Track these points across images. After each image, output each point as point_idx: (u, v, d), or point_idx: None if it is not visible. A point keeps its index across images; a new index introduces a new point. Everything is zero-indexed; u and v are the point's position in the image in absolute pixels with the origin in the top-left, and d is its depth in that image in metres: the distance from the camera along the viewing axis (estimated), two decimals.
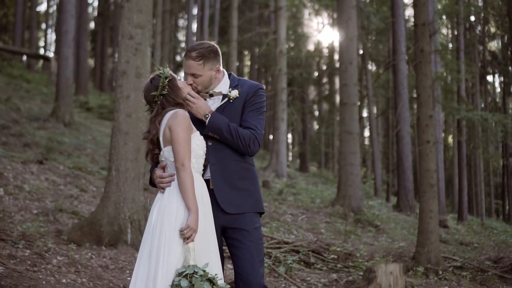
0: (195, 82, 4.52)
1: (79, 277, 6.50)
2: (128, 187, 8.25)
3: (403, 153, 22.87)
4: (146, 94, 4.34)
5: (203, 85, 4.55)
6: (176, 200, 4.07)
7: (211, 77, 4.57)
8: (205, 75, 4.52)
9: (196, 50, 4.52)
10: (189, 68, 4.51)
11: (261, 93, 4.63)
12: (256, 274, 4.36)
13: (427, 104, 11.40)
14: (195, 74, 4.49)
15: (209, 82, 4.57)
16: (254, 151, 4.49)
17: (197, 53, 4.49)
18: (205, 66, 4.50)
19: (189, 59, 4.49)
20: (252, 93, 4.58)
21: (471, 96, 38.19)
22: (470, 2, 34.22)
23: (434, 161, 11.31)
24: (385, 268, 8.55)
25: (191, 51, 4.52)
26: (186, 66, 4.53)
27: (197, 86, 4.54)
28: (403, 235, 15.23)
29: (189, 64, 4.50)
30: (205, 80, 4.54)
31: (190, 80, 4.52)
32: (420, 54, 11.57)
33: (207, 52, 4.52)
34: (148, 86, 4.34)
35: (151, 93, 4.29)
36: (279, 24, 24.34)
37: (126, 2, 8.64)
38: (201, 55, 4.48)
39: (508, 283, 10.69)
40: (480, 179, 37.14)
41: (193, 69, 4.48)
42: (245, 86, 4.62)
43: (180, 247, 3.95)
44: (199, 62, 4.47)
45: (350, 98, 16.81)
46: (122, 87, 8.46)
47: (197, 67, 4.48)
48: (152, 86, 4.30)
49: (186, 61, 4.52)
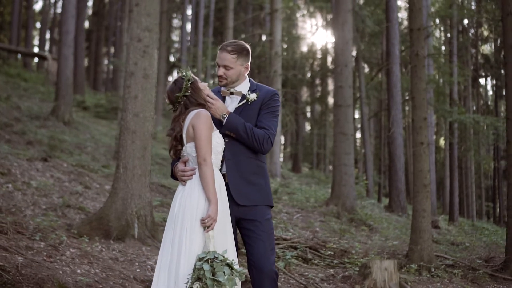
0: (225, 74, 4.98)
1: (92, 268, 6.85)
2: (135, 183, 8.60)
3: (395, 155, 23.19)
4: (170, 95, 4.71)
5: (231, 78, 5.00)
6: (197, 192, 4.45)
7: (240, 72, 5.03)
8: (235, 69, 4.99)
9: (232, 45, 5.00)
10: (223, 60, 4.97)
11: (276, 98, 5.07)
12: (268, 261, 4.75)
13: (421, 106, 11.76)
14: (227, 66, 4.95)
15: (237, 76, 5.03)
16: (267, 149, 4.89)
17: (233, 47, 4.98)
18: (237, 60, 4.97)
19: (225, 52, 4.97)
20: (269, 98, 5.02)
21: (463, 98, 38.53)
22: (464, 6, 34.56)
23: (427, 162, 11.67)
24: (380, 264, 8.89)
25: (228, 45, 5.01)
26: (220, 58, 5.00)
27: (226, 78, 4.99)
28: (395, 234, 15.57)
29: (223, 56, 4.97)
30: (235, 74, 5.00)
31: (222, 71, 4.98)
32: (415, 58, 11.92)
33: (241, 49, 5.01)
34: (172, 88, 4.71)
35: (175, 94, 4.66)
36: (275, 26, 24.59)
37: (135, 6, 8.98)
38: (236, 50, 4.97)
39: (499, 282, 11.03)
40: (471, 181, 37.46)
41: (227, 61, 4.94)
42: (263, 91, 5.05)
43: (201, 235, 4.33)
44: (233, 56, 4.95)
45: (345, 100, 17.10)
46: (130, 87, 8.80)
47: (230, 59, 4.94)
48: (176, 87, 4.67)
49: (221, 53, 4.99)
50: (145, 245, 8.32)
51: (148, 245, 8.35)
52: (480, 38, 44.17)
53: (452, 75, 30.73)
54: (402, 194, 22.76)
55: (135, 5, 9.01)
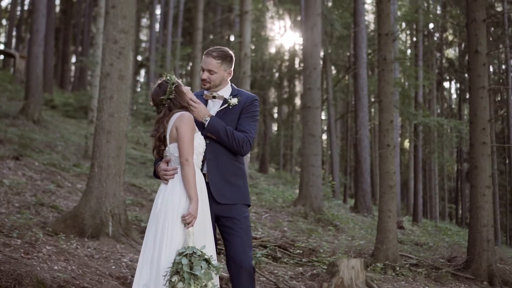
0: (209, 78, 5.23)
1: (68, 265, 7.01)
2: (109, 182, 8.76)
3: (361, 156, 23.54)
4: (154, 97, 4.92)
5: (215, 82, 5.25)
6: (179, 190, 4.67)
7: (223, 77, 5.27)
8: (219, 74, 5.23)
9: (217, 51, 5.26)
10: (208, 64, 5.21)
11: (256, 103, 5.34)
12: (246, 257, 5.01)
13: (388, 110, 12.08)
14: (212, 70, 5.20)
15: (220, 81, 5.28)
16: (246, 151, 5.16)
17: (218, 53, 5.23)
18: (221, 66, 5.22)
19: (210, 57, 5.22)
20: (249, 103, 5.28)
21: (428, 101, 39.13)
22: (429, 10, 35.11)
23: (393, 163, 11.99)
24: (347, 263, 9.15)
25: (213, 51, 5.26)
26: (205, 62, 5.24)
27: (210, 82, 5.24)
28: (361, 234, 15.88)
29: (209, 61, 5.21)
30: (218, 78, 5.25)
31: (206, 75, 5.22)
32: (383, 63, 12.23)
33: (225, 55, 5.25)
34: (156, 91, 4.92)
35: (159, 97, 4.87)
36: (244, 28, 24.65)
37: (111, 8, 9.13)
38: (220, 56, 5.22)
39: (460, 281, 11.41)
40: (434, 183, 38.07)
41: (211, 66, 5.19)
42: (244, 96, 5.31)
43: (181, 231, 4.55)
44: (217, 61, 5.20)
45: (313, 102, 17.37)
46: (105, 88, 8.95)
47: (215, 64, 5.19)
48: (161, 90, 4.89)
49: (207, 58, 5.23)
50: (119, 243, 8.48)
51: (122, 243, 8.51)
52: (445, 43, 44.91)
53: (418, 79, 31.21)
54: (367, 195, 23.13)
55: (111, 8, 9.16)
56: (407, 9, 32.11)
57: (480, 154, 12.28)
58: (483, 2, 12.93)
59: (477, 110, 12.45)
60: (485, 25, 12.92)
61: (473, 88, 12.64)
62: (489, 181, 12.34)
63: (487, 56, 12.74)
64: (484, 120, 12.42)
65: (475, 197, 12.28)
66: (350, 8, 30.11)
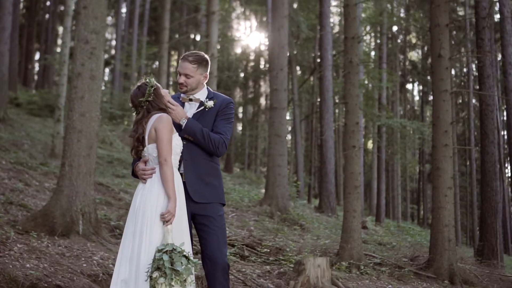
0: (186, 82, 5.38)
1: (40, 263, 7.09)
2: (80, 181, 8.84)
3: (326, 157, 23.79)
4: (133, 99, 5.05)
5: (191, 85, 5.41)
6: (157, 189, 4.82)
7: (199, 81, 5.44)
8: (195, 78, 5.39)
9: (193, 56, 5.41)
10: (184, 69, 5.36)
11: (231, 106, 5.52)
12: (221, 254, 5.19)
13: (354, 111, 12.32)
14: (188, 75, 5.36)
15: (197, 85, 5.44)
16: (222, 152, 5.34)
17: (194, 58, 5.39)
18: (197, 70, 5.39)
19: (186, 61, 5.37)
20: (225, 106, 5.46)
21: (391, 103, 39.63)
22: (393, 13, 35.54)
23: (359, 164, 12.25)
24: (314, 261, 9.36)
25: (189, 55, 5.41)
26: (181, 67, 5.39)
27: (186, 85, 5.40)
28: (326, 234, 16.09)
29: (185, 65, 5.36)
30: (194, 82, 5.41)
31: (183, 79, 5.38)
32: (349, 65, 12.47)
33: (201, 60, 5.42)
34: (136, 92, 5.06)
35: (138, 99, 5.01)
36: (211, 28, 24.72)
37: (82, 8, 9.20)
38: (197, 61, 5.38)
39: (422, 279, 11.70)
40: (397, 183, 38.52)
41: (188, 70, 5.35)
42: (219, 99, 5.49)
43: (160, 229, 4.70)
44: (194, 66, 5.36)
45: (279, 102, 17.57)
46: (77, 88, 9.02)
47: (191, 69, 5.36)
48: (140, 92, 5.02)
49: (183, 63, 5.38)
50: (90, 241, 8.56)
51: (93, 241, 8.59)
52: (408, 45, 45.50)
53: (382, 81, 31.59)
54: (332, 195, 23.39)
55: (82, 8, 9.23)
56: (372, 12, 32.47)
57: (442, 156, 12.58)
58: (446, 8, 13.24)
59: (440, 113, 12.74)
60: (448, 30, 13.23)
61: (436, 91, 12.94)
62: (451, 182, 12.64)
63: (449, 60, 13.06)
64: (447, 122, 12.72)
65: (437, 198, 12.57)
66: (315, 10, 30.37)
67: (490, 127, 19.09)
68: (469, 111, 35.28)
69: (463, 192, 41.71)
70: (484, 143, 19.13)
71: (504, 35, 21.71)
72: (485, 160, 19.00)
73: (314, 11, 30.97)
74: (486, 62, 19.60)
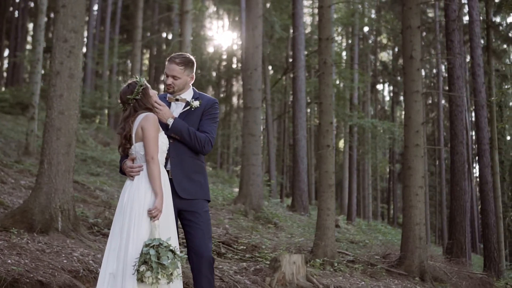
0: (173, 83, 5.53)
1: (21, 259, 7.16)
2: (59, 179, 8.90)
3: (299, 156, 23.98)
4: (122, 95, 5.19)
5: (179, 86, 5.56)
6: (144, 186, 4.97)
7: (186, 81, 5.60)
8: (182, 79, 5.55)
9: (180, 58, 5.55)
10: (171, 71, 5.50)
11: (216, 106, 5.69)
12: (207, 248, 5.36)
13: (328, 111, 12.52)
14: (176, 76, 5.51)
15: (184, 85, 5.60)
16: (207, 150, 5.51)
17: (180, 60, 5.54)
18: (184, 71, 5.54)
19: (173, 63, 5.51)
20: (210, 106, 5.64)
21: (362, 103, 40.01)
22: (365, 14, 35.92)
23: (333, 163, 12.44)
24: (289, 258, 9.56)
25: (175, 57, 5.56)
26: (169, 69, 5.52)
27: (174, 86, 5.54)
28: (299, 232, 16.30)
29: (172, 67, 5.50)
30: (182, 83, 5.56)
31: (170, 80, 5.53)
32: (323, 66, 12.65)
33: (187, 61, 5.57)
34: (125, 90, 5.20)
35: (127, 96, 5.15)
36: (185, 27, 24.77)
37: (61, 7, 9.27)
38: (183, 62, 5.53)
39: (394, 276, 11.95)
40: (368, 183, 38.92)
41: (175, 72, 5.50)
42: (205, 99, 5.66)
43: (147, 224, 4.85)
44: (181, 67, 5.51)
45: (253, 102, 17.70)
46: (55, 86, 9.08)
47: (178, 70, 5.51)
48: (129, 90, 5.16)
49: (170, 65, 5.52)
50: (69, 238, 8.63)
51: (72, 238, 8.67)
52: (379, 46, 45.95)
53: (353, 81, 31.90)
54: (304, 194, 23.60)
55: (61, 7, 9.29)
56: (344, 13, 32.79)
57: (414, 155, 12.82)
58: (417, 10, 13.50)
59: (411, 113, 12.99)
60: (419, 32, 13.50)
61: (407, 92, 13.18)
62: (422, 181, 12.90)
63: (421, 62, 13.32)
64: (418, 123, 12.97)
65: (408, 197, 12.81)
66: (288, 10, 30.57)
67: (459, 127, 19.45)
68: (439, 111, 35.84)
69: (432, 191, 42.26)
70: (453, 143, 19.47)
71: (473, 37, 22.14)
72: (454, 160, 19.35)
73: (287, 11, 31.15)
74: (456, 63, 19.94)
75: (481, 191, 20.79)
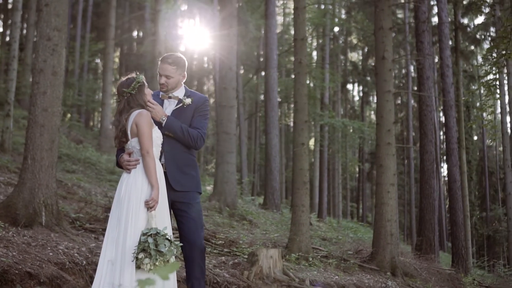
0: (166, 82, 5.80)
1: (9, 251, 7.32)
2: (43, 174, 9.06)
3: (271, 155, 24.21)
4: (119, 87, 5.46)
5: (172, 85, 5.84)
6: (141, 178, 5.24)
7: (179, 80, 5.88)
8: (175, 78, 5.83)
9: (172, 58, 5.82)
10: (164, 70, 5.78)
11: (207, 103, 6.00)
12: (199, 237, 5.68)
13: (303, 110, 12.82)
14: (169, 76, 5.79)
15: (176, 84, 5.88)
16: (200, 145, 5.81)
17: (173, 60, 5.81)
18: (177, 71, 5.81)
19: (166, 63, 5.78)
20: (201, 103, 5.94)
21: (332, 103, 40.42)
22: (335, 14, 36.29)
23: (307, 161, 12.75)
24: (266, 253, 9.84)
25: (168, 58, 5.83)
26: (162, 69, 5.80)
27: (167, 85, 5.81)
28: (273, 229, 16.61)
29: (165, 67, 5.78)
30: (174, 82, 5.84)
31: (163, 80, 5.80)
32: (298, 66, 12.94)
33: (179, 61, 5.85)
34: (122, 82, 5.47)
35: (123, 88, 5.42)
36: (158, 26, 24.95)
37: (44, 6, 9.42)
38: (175, 62, 5.80)
39: (366, 272, 12.31)
40: (338, 182, 39.30)
41: (168, 71, 5.77)
42: (196, 97, 5.95)
43: (144, 214, 5.13)
44: (173, 67, 5.78)
45: (228, 101, 17.92)
46: (39, 83, 9.23)
47: (171, 70, 5.78)
48: (126, 83, 5.44)
49: (163, 65, 5.79)
50: (53, 232, 8.79)
51: (56, 232, 8.83)
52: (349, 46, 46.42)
53: (324, 81, 32.24)
54: (276, 192, 23.84)
55: (44, 6, 9.44)
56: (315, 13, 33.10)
57: (386, 154, 13.19)
58: (389, 12, 13.87)
59: (383, 112, 13.36)
60: (391, 33, 13.86)
61: (379, 92, 13.54)
62: (394, 179, 13.27)
63: (392, 62, 13.68)
64: (390, 122, 13.34)
65: (380, 194, 13.18)
66: (260, 10, 30.84)
67: (429, 127, 19.91)
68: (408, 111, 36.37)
69: (400, 190, 42.82)
70: (423, 142, 19.92)
71: (442, 38, 22.63)
72: (424, 159, 19.79)
73: (259, 11, 31.40)
74: (425, 64, 20.38)
75: (450, 189, 21.27)
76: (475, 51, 40.89)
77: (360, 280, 11.37)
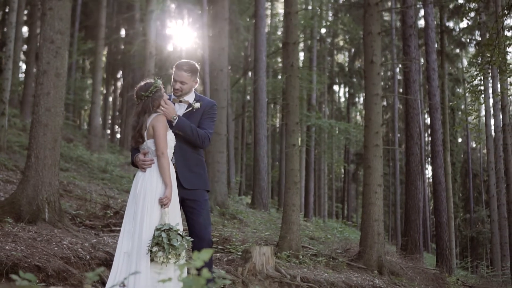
0: (181, 88, 6.22)
1: (17, 246, 7.63)
2: (46, 172, 9.36)
3: (259, 155, 24.53)
4: (138, 91, 5.85)
5: (185, 90, 6.26)
6: (156, 177, 5.63)
7: (192, 86, 6.30)
8: (189, 84, 6.26)
9: (187, 65, 6.25)
10: (180, 77, 6.20)
11: (215, 108, 6.42)
12: (207, 232, 6.10)
13: (294, 112, 13.12)
14: (183, 82, 6.22)
15: (190, 89, 6.30)
16: (206, 145, 6.22)
17: (188, 67, 6.24)
18: (191, 77, 6.24)
19: (181, 70, 6.20)
20: (209, 107, 6.36)
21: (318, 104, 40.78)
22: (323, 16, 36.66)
23: (298, 161, 13.04)
24: (259, 250, 10.18)
25: (183, 65, 6.25)
26: (177, 75, 6.22)
27: (181, 90, 6.22)
28: (263, 228, 16.94)
29: (180, 74, 6.20)
30: (188, 87, 6.27)
31: (178, 85, 6.22)
32: (290, 69, 13.24)
33: (193, 68, 6.27)
34: (141, 86, 5.86)
35: (141, 92, 5.80)
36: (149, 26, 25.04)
37: (48, 10, 9.73)
38: (190, 69, 6.23)
39: (354, 270, 12.68)
40: (324, 182, 39.67)
41: (183, 78, 6.20)
42: (205, 102, 6.37)
43: (158, 211, 5.52)
44: (188, 74, 6.21)
45: (219, 101, 18.10)
46: (43, 84, 9.54)
47: (186, 77, 6.21)
48: (144, 87, 5.83)
49: (179, 71, 6.21)
50: (56, 228, 9.09)
51: (59, 228, 9.14)
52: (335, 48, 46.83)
53: (312, 82, 32.58)
54: (264, 192, 24.14)
55: (48, 9, 9.75)
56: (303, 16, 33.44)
57: (373, 155, 13.55)
58: (378, 17, 14.24)
59: (372, 115, 13.72)
60: (380, 38, 14.22)
61: (368, 95, 13.90)
62: (381, 180, 13.64)
63: (381, 66, 14.06)
64: (378, 124, 13.71)
65: (367, 194, 13.54)
66: (249, 12, 31.16)
67: (415, 129, 20.30)
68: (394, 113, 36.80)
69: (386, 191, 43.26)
70: (409, 144, 20.32)
71: (429, 42, 23.08)
72: (410, 161, 20.19)
73: (248, 13, 31.70)
74: (412, 67, 20.78)
75: (434, 191, 21.70)
76: (461, 54, 41.44)
77: (348, 278, 11.72)
